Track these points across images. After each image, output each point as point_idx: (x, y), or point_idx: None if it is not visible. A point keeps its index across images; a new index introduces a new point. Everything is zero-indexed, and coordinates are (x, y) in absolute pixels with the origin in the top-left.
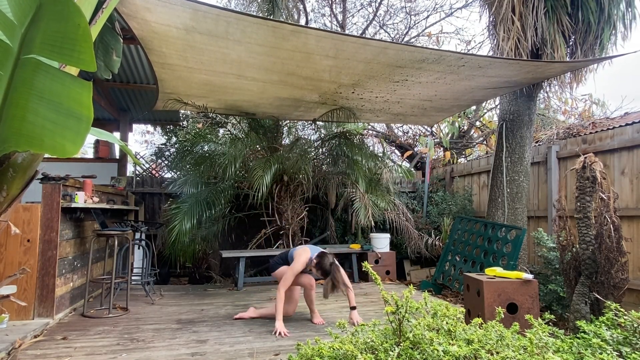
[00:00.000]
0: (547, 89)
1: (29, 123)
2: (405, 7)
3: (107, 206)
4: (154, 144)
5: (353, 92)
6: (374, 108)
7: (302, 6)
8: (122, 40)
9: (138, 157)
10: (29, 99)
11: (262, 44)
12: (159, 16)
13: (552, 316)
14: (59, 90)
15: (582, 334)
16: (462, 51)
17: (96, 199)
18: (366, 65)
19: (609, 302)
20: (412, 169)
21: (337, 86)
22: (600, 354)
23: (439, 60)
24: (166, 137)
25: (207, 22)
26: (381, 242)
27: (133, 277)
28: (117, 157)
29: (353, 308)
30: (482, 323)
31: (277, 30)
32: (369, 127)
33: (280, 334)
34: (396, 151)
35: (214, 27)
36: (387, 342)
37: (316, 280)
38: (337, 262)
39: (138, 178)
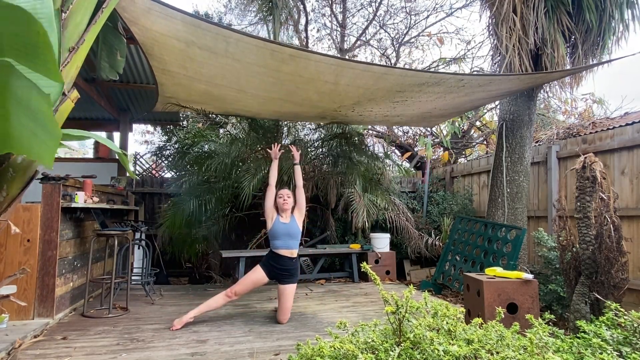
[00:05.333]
0: (547, 89)
1: (13, 127)
2: (405, 7)
3: (107, 206)
4: (154, 144)
5: (353, 111)
6: (373, 120)
7: (302, 6)
8: (125, 41)
9: (138, 157)
10: (10, 102)
11: (261, 65)
12: (160, 27)
13: (552, 316)
14: (29, 97)
15: (582, 333)
16: (462, 53)
17: (96, 199)
18: (366, 90)
19: (609, 302)
20: (412, 169)
21: (337, 107)
22: (601, 354)
23: (439, 83)
24: (166, 137)
25: (207, 39)
26: (381, 242)
27: (133, 277)
28: (117, 157)
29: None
30: (482, 323)
31: (275, 54)
32: (369, 127)
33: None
34: (396, 151)
35: (213, 44)
36: (387, 342)
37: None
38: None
39: (138, 178)
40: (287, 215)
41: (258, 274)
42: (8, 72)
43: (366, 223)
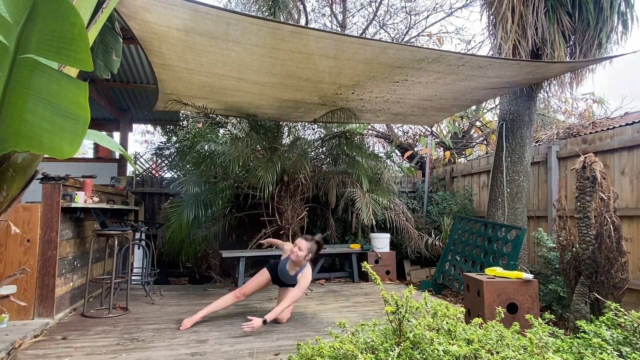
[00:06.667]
0: (547, 88)
1: (27, 123)
2: (405, 7)
3: (107, 206)
4: (154, 143)
5: (353, 93)
6: (373, 108)
7: (302, 6)
8: (122, 40)
9: (138, 157)
10: (27, 99)
11: (261, 45)
12: (159, 17)
13: (552, 316)
14: (56, 91)
15: (582, 333)
16: (462, 51)
17: (96, 199)
18: (366, 65)
19: (609, 302)
20: (413, 168)
21: (337, 87)
22: (601, 353)
23: (439, 60)
24: (166, 137)
25: (207, 23)
26: (381, 242)
27: (133, 277)
28: (117, 157)
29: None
30: (482, 323)
31: (276, 32)
32: (369, 127)
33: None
34: (396, 151)
35: (214, 28)
36: (387, 342)
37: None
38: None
39: (138, 178)
40: (293, 268)
41: (264, 277)
42: (32, 68)
43: (372, 220)
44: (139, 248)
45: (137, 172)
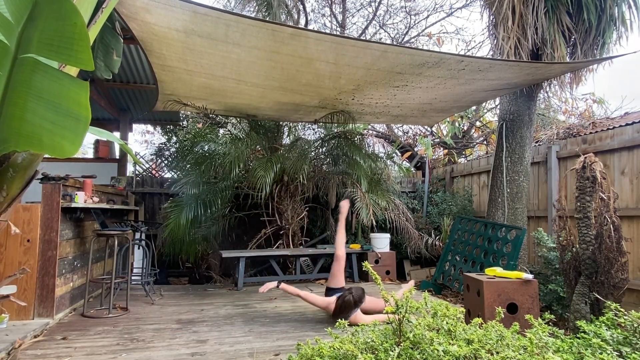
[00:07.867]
0: (547, 89)
1: (28, 123)
2: (405, 7)
3: (107, 206)
4: (154, 143)
5: (353, 99)
6: (374, 111)
7: (301, 6)
8: (122, 41)
9: (138, 157)
10: (28, 98)
11: (261, 48)
12: (159, 18)
13: (552, 316)
14: (57, 90)
15: (582, 334)
16: (462, 53)
17: (96, 199)
18: (366, 71)
19: (609, 302)
20: (412, 169)
21: (337, 93)
22: (600, 354)
23: (439, 64)
24: (166, 137)
25: (207, 25)
26: (381, 242)
27: (133, 277)
28: (117, 157)
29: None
30: (482, 323)
31: (276, 34)
32: (370, 127)
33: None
34: (396, 151)
35: (213, 29)
36: (387, 342)
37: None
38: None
39: (138, 178)
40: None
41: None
42: (32, 68)
43: (372, 221)
44: (139, 248)
45: (137, 172)
